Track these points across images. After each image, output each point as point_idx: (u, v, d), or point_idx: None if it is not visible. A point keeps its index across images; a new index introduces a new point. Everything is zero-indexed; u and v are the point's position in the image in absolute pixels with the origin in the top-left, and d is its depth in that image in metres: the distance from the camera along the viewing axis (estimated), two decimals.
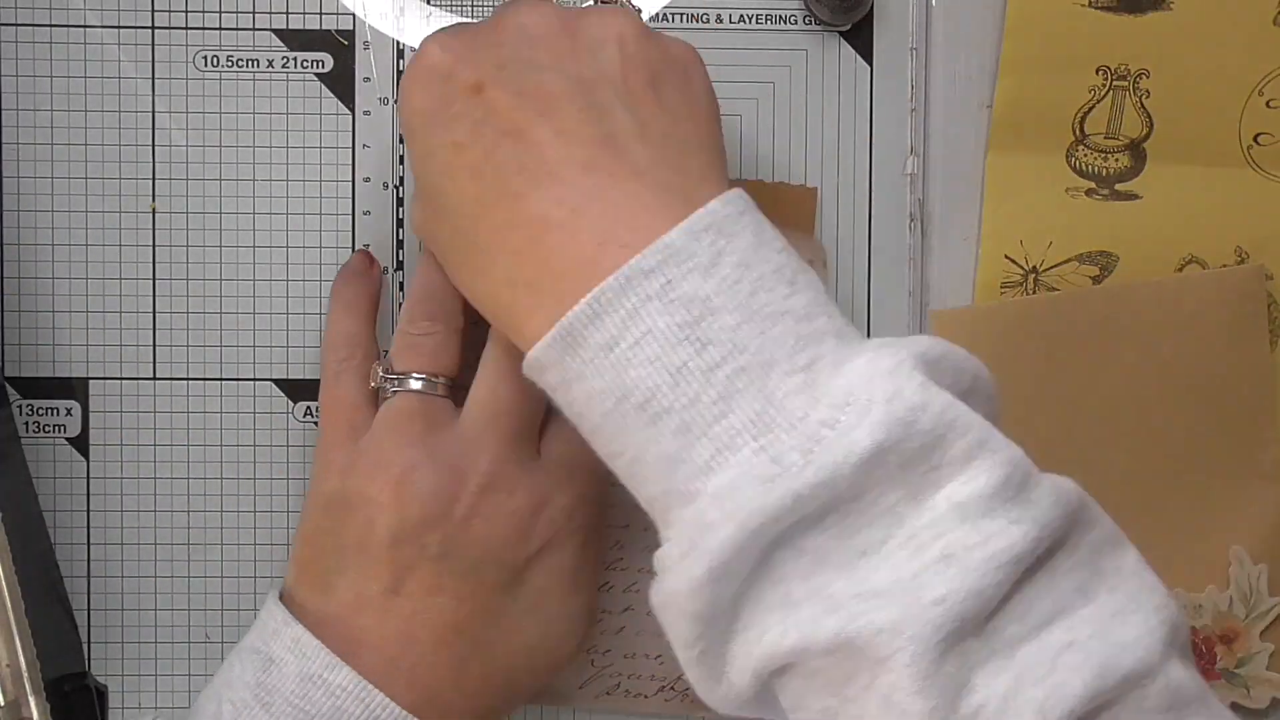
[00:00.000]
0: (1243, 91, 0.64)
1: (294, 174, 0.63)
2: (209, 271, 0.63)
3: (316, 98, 0.63)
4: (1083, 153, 0.64)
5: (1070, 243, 0.64)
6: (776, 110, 0.63)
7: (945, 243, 0.64)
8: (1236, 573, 0.64)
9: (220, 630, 0.63)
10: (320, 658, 0.52)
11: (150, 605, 0.63)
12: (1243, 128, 0.64)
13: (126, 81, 0.62)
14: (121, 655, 0.63)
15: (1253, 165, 0.64)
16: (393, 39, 0.63)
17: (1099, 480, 0.64)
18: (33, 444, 0.62)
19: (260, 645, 0.54)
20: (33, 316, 0.62)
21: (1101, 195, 0.64)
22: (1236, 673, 0.65)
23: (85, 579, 0.63)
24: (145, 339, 0.63)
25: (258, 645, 0.54)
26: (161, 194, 0.63)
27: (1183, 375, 0.64)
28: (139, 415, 0.63)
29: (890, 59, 0.63)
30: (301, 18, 0.63)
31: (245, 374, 0.63)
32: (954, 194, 0.64)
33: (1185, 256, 0.65)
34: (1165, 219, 0.64)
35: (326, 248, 0.63)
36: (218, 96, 0.62)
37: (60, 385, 0.63)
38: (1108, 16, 0.63)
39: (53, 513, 0.63)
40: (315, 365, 0.63)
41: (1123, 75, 0.63)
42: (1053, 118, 0.63)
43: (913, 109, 0.63)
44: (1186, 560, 0.65)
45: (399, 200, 0.63)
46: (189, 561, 0.63)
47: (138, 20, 0.62)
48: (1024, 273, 0.64)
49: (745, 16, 0.63)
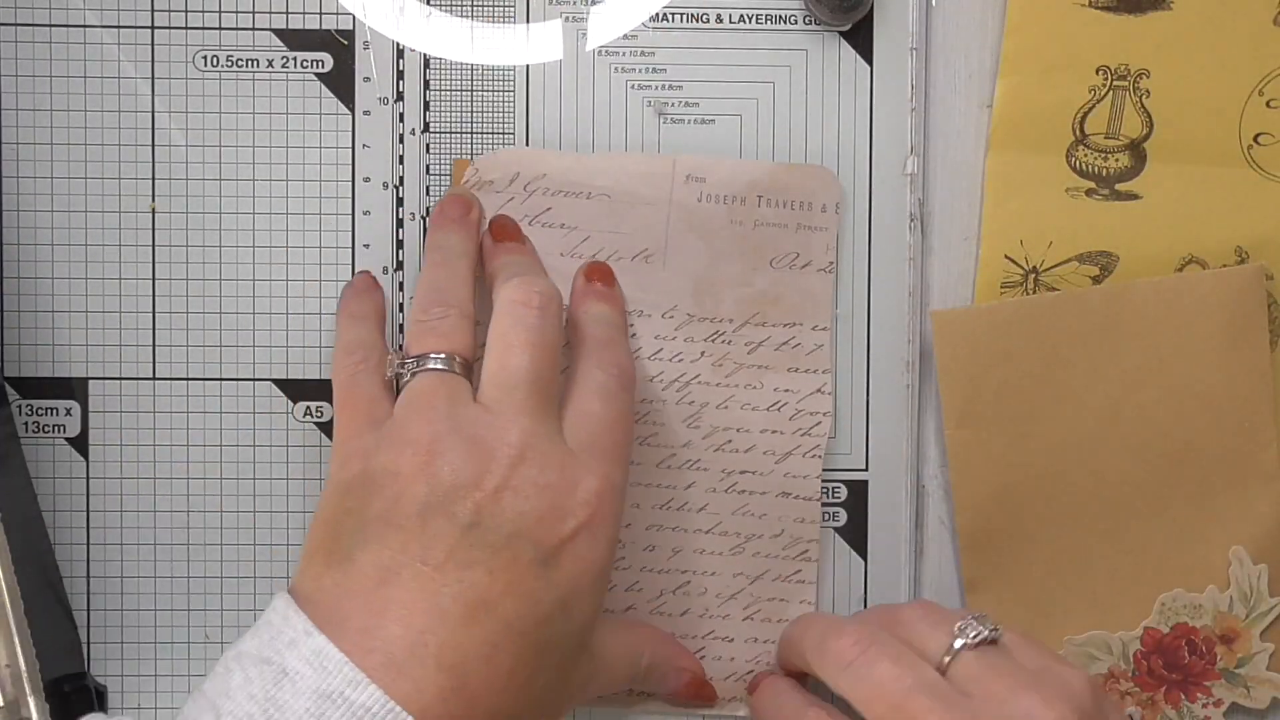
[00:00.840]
0: (1243, 91, 0.64)
1: (294, 174, 0.63)
2: (209, 271, 0.63)
3: (316, 98, 0.63)
4: (1083, 153, 0.64)
5: (1070, 243, 0.64)
6: (776, 110, 0.63)
7: (945, 243, 0.64)
8: (1237, 573, 0.64)
9: (220, 630, 0.63)
10: (344, 673, 0.48)
11: (150, 605, 0.63)
12: (1243, 128, 0.64)
13: (126, 81, 0.62)
14: (121, 655, 0.63)
15: (1253, 165, 0.64)
16: (393, 39, 0.63)
17: (1099, 480, 0.64)
18: (32, 444, 0.62)
19: (271, 655, 0.49)
20: (32, 316, 0.62)
21: (1102, 195, 0.64)
22: (1236, 673, 0.65)
23: (85, 579, 0.63)
24: (145, 339, 0.63)
25: (268, 654, 0.49)
26: (161, 194, 0.63)
27: (1183, 375, 0.64)
28: (139, 415, 0.63)
29: (890, 59, 0.63)
30: (301, 18, 0.63)
31: (245, 374, 0.63)
32: (954, 194, 0.64)
33: (1185, 256, 0.65)
34: (1165, 219, 0.64)
35: (326, 248, 0.63)
36: (217, 96, 0.62)
37: (60, 385, 0.63)
38: (1108, 16, 0.63)
39: (52, 513, 0.63)
40: (315, 365, 0.63)
41: (1123, 75, 0.63)
42: (1053, 117, 0.63)
43: (913, 109, 0.63)
44: (1186, 560, 0.65)
45: (399, 200, 0.63)
46: (188, 561, 0.63)
47: (137, 20, 0.62)
48: (1024, 273, 0.64)
49: (745, 16, 0.63)
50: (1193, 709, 0.65)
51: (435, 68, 0.63)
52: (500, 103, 0.63)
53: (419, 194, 0.63)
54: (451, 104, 0.63)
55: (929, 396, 0.65)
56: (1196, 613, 0.65)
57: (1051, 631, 0.64)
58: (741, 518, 0.64)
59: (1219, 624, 0.65)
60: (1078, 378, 0.63)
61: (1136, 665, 0.65)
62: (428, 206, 0.63)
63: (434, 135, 0.63)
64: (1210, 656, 0.65)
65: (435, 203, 0.63)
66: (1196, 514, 0.64)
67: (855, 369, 0.64)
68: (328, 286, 0.63)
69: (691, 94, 0.63)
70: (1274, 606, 0.65)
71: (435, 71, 0.63)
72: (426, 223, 0.63)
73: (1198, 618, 0.65)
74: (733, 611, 0.64)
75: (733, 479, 0.63)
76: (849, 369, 0.64)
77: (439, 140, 0.63)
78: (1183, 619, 0.65)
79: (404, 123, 0.63)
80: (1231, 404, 0.64)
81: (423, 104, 0.63)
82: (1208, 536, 0.65)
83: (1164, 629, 0.65)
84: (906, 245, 0.64)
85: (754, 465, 0.63)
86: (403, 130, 0.63)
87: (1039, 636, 0.64)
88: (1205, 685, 0.65)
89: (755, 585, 0.64)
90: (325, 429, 0.63)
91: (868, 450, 0.65)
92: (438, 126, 0.63)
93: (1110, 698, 0.57)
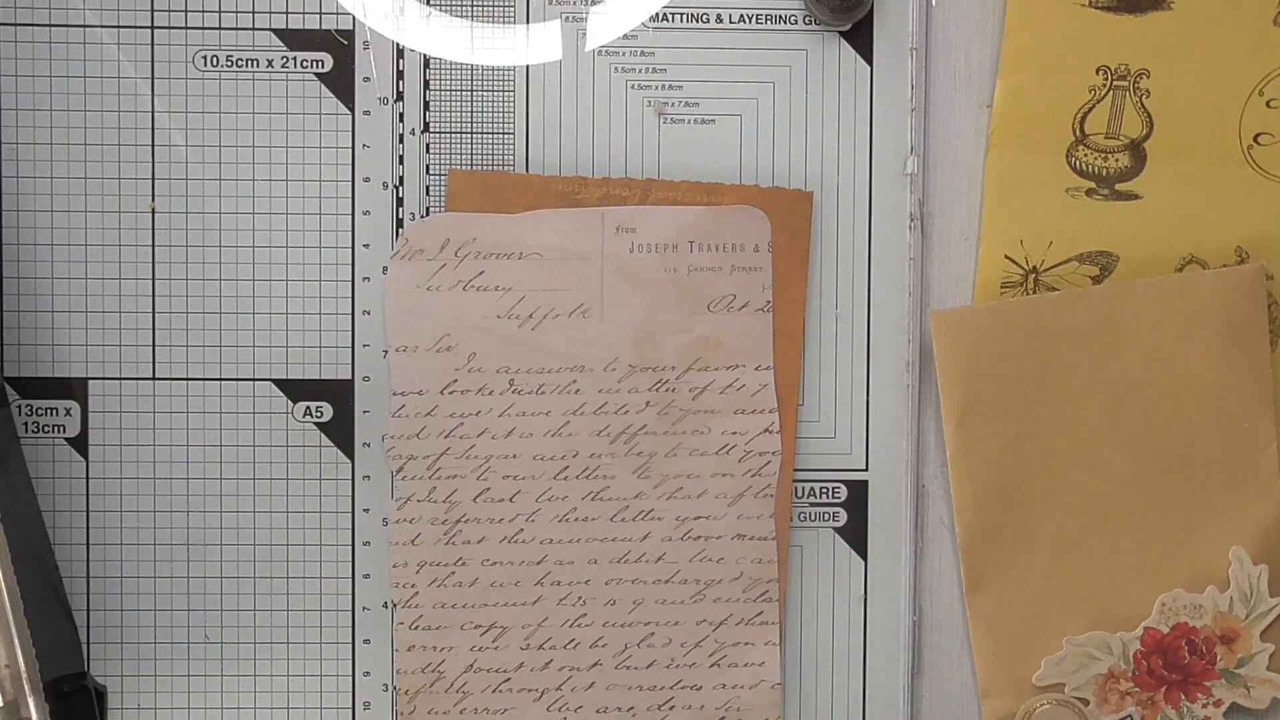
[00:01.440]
0: (1243, 91, 0.64)
1: (294, 174, 0.63)
2: (209, 271, 0.63)
3: (316, 98, 0.63)
4: (1083, 152, 0.64)
5: (1070, 243, 0.64)
6: (776, 110, 0.63)
7: (945, 243, 0.64)
8: (1237, 573, 0.64)
9: (220, 630, 0.63)
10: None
11: (150, 605, 0.63)
12: (1243, 127, 0.64)
13: (126, 81, 0.62)
14: (121, 655, 0.63)
15: (1253, 165, 0.64)
16: (392, 39, 0.63)
17: (1099, 480, 0.64)
18: (32, 444, 0.62)
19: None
20: (32, 316, 0.62)
21: (1102, 195, 0.64)
22: (1237, 673, 0.65)
23: (85, 579, 0.63)
24: (145, 339, 0.63)
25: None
26: (161, 194, 0.63)
27: (1182, 375, 0.64)
28: (138, 415, 0.63)
29: (890, 59, 0.63)
30: (301, 18, 0.63)
31: (245, 374, 0.63)
32: (954, 194, 0.64)
33: (1185, 256, 0.65)
34: (1165, 219, 0.64)
35: (326, 248, 0.63)
36: (217, 96, 0.62)
37: (60, 385, 0.63)
38: (1108, 16, 0.63)
39: (52, 513, 0.62)
40: (315, 365, 0.63)
41: (1123, 75, 0.63)
42: (1053, 117, 0.63)
43: (913, 109, 0.63)
44: (1187, 560, 0.65)
45: (399, 200, 0.63)
46: (189, 561, 0.63)
47: (137, 20, 0.62)
48: (1024, 273, 0.64)
49: (745, 16, 0.63)
50: (1193, 709, 0.65)
51: (435, 68, 0.63)
52: (500, 103, 0.63)
53: (419, 194, 0.63)
54: (451, 104, 0.63)
55: (929, 396, 0.65)
56: (1197, 613, 0.65)
57: (1051, 632, 0.64)
58: (699, 564, 0.64)
59: (1219, 624, 0.65)
60: (1078, 378, 0.63)
61: (1136, 665, 0.65)
62: (428, 206, 0.63)
63: (434, 135, 0.63)
64: (1210, 656, 0.65)
65: (435, 203, 0.63)
66: (1196, 514, 0.64)
67: (855, 369, 0.64)
68: (328, 286, 0.63)
69: (691, 94, 0.63)
70: (1274, 607, 0.65)
71: (435, 71, 0.63)
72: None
73: (1198, 618, 0.65)
74: (699, 659, 0.64)
75: (687, 525, 0.64)
76: (849, 369, 0.64)
77: (439, 140, 0.63)
78: (1183, 619, 0.65)
79: (404, 123, 0.63)
80: (1231, 404, 0.64)
81: (422, 104, 0.63)
82: (1208, 536, 0.64)
83: (1164, 629, 0.65)
84: (906, 245, 0.64)
85: (707, 510, 0.64)
86: (402, 130, 0.63)
87: (1039, 636, 0.64)
88: (1205, 685, 0.65)
89: (719, 631, 0.64)
90: (325, 429, 0.63)
91: (868, 450, 0.65)
92: (437, 126, 0.63)
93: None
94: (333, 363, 0.63)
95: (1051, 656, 0.64)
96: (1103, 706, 0.65)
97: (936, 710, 0.66)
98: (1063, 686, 0.65)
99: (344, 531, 0.64)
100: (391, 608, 0.64)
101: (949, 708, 0.66)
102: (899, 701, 0.65)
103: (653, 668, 0.64)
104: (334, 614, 0.64)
